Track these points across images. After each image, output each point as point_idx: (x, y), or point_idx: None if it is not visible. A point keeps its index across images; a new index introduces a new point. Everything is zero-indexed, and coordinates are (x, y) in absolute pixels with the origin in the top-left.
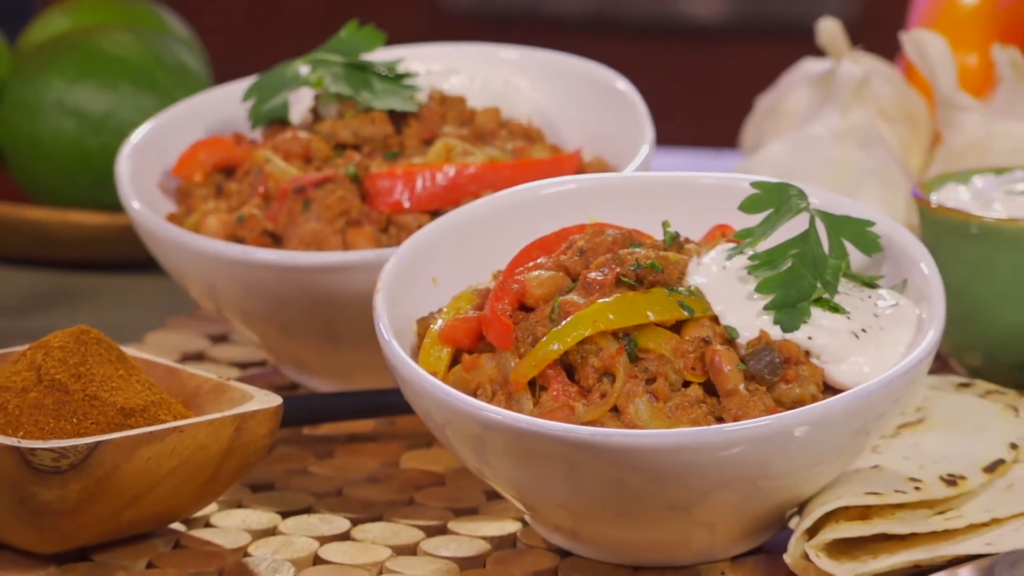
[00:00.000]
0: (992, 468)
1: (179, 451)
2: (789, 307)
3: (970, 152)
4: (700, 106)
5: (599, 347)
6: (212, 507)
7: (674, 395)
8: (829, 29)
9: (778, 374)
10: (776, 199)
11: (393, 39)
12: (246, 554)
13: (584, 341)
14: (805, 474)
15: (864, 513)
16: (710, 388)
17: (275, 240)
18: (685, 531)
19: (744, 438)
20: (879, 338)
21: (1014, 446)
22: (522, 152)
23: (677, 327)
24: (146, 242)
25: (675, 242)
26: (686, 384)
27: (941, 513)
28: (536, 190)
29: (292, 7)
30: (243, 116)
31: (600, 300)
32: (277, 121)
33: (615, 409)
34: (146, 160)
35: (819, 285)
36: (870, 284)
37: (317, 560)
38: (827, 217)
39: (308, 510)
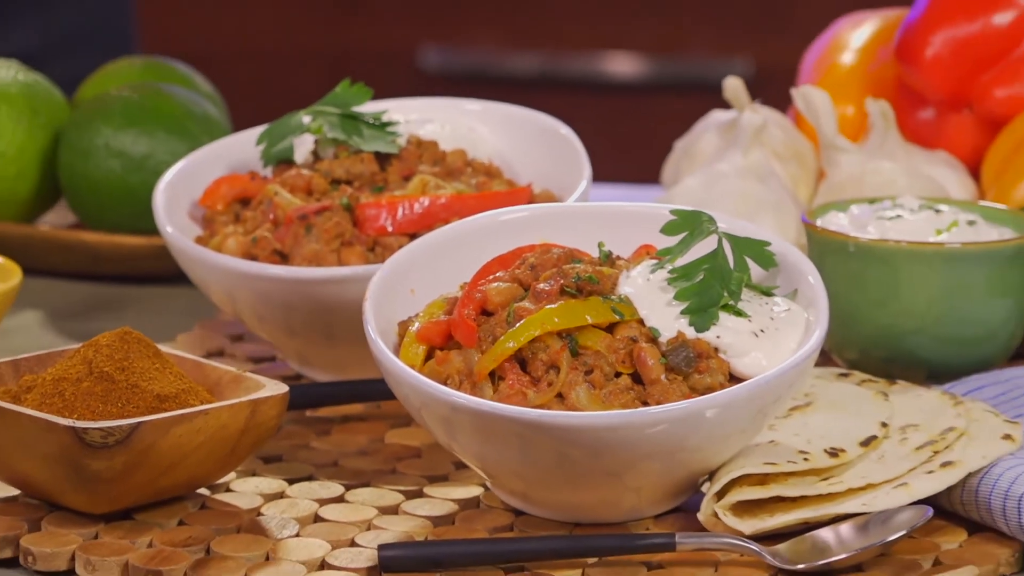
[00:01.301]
0: (867, 443)
1: (204, 430)
2: (701, 312)
3: (848, 186)
4: (628, 148)
5: (546, 345)
6: (231, 475)
7: (608, 384)
8: (733, 85)
9: (692, 366)
10: (690, 224)
11: (379, 94)
12: (259, 514)
13: (534, 340)
14: (714, 448)
15: (762, 480)
16: (637, 378)
17: (283, 258)
18: (617, 494)
19: (665, 418)
20: (775, 337)
21: (884, 425)
22: (484, 186)
23: (610, 328)
24: (178, 260)
25: (608, 259)
26: (618, 375)
27: (825, 479)
28: (495, 216)
29: (297, 68)
30: (257, 157)
31: (547, 306)
32: (284, 161)
33: (560, 395)
34: (178, 193)
35: (725, 294)
36: (767, 293)
37: (317, 519)
38: (732, 238)
39: (310, 478)
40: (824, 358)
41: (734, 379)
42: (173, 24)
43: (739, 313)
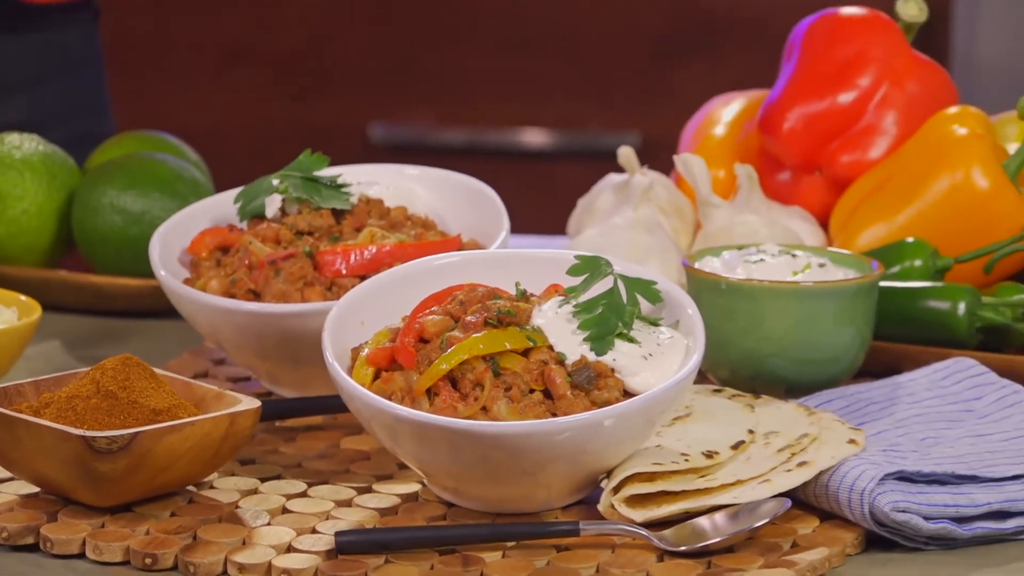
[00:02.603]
0: (736, 446)
1: (192, 437)
2: (600, 339)
3: (720, 235)
4: (539, 205)
5: (473, 367)
6: (214, 475)
7: (523, 398)
8: (625, 153)
9: (593, 384)
10: (591, 267)
11: (335, 161)
12: (237, 507)
13: (463, 363)
14: (611, 451)
15: (651, 477)
16: (548, 394)
17: (256, 296)
18: (532, 489)
19: (570, 427)
20: (660, 359)
21: (751, 431)
22: (421, 236)
23: (525, 353)
24: (170, 298)
25: (523, 296)
26: (532, 391)
27: (703, 477)
28: (430, 261)
29: (268, 140)
30: (235, 213)
31: (473, 335)
32: (257, 216)
33: (484, 408)
34: (170, 243)
35: (620, 324)
36: (654, 323)
37: (285, 510)
38: (625, 278)
39: (278, 476)
40: (701, 376)
41: (627, 394)
42: (168, 106)
43: (631, 340)
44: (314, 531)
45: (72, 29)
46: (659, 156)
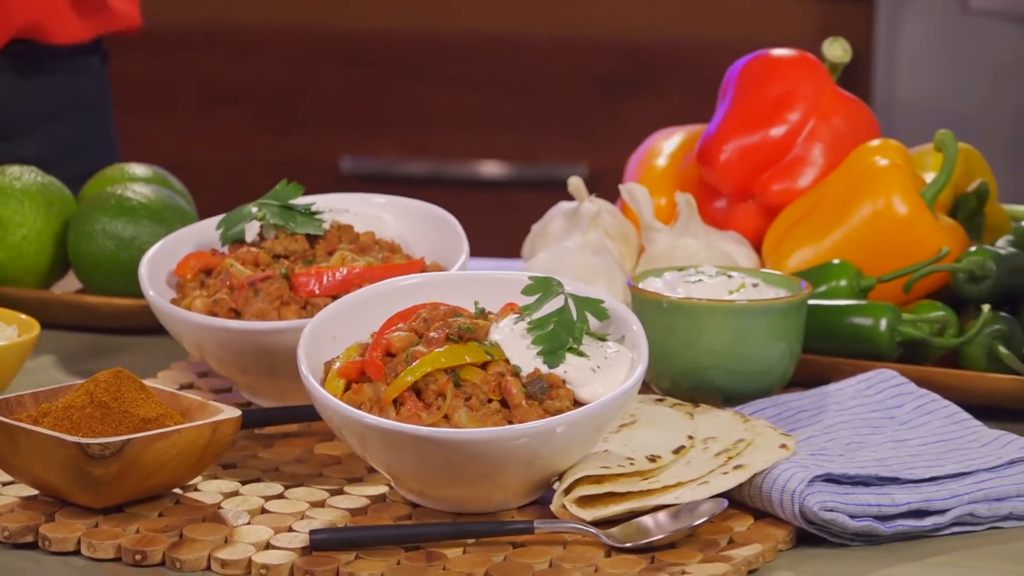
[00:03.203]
0: (677, 451)
1: (178, 444)
2: (552, 353)
3: (662, 258)
4: (496, 230)
5: (436, 378)
6: (198, 478)
7: (482, 407)
8: (575, 183)
9: (546, 394)
10: (544, 287)
11: (309, 191)
12: (220, 507)
13: (427, 375)
14: (563, 455)
15: (599, 479)
16: (504, 403)
17: (237, 314)
18: (489, 491)
19: (525, 433)
20: (608, 371)
21: (691, 437)
22: (388, 259)
23: (484, 366)
24: (158, 316)
25: (482, 314)
26: (490, 401)
27: (646, 479)
28: (396, 282)
29: (247, 171)
30: (217, 238)
31: (436, 350)
32: (238, 241)
33: (446, 416)
34: (157, 266)
35: (570, 340)
36: (602, 338)
37: (263, 511)
38: (575, 298)
39: (258, 479)
40: (645, 387)
41: (577, 403)
42: (157, 140)
43: (581, 354)
44: (290, 530)
45: (84, 71)
46: (606, 185)
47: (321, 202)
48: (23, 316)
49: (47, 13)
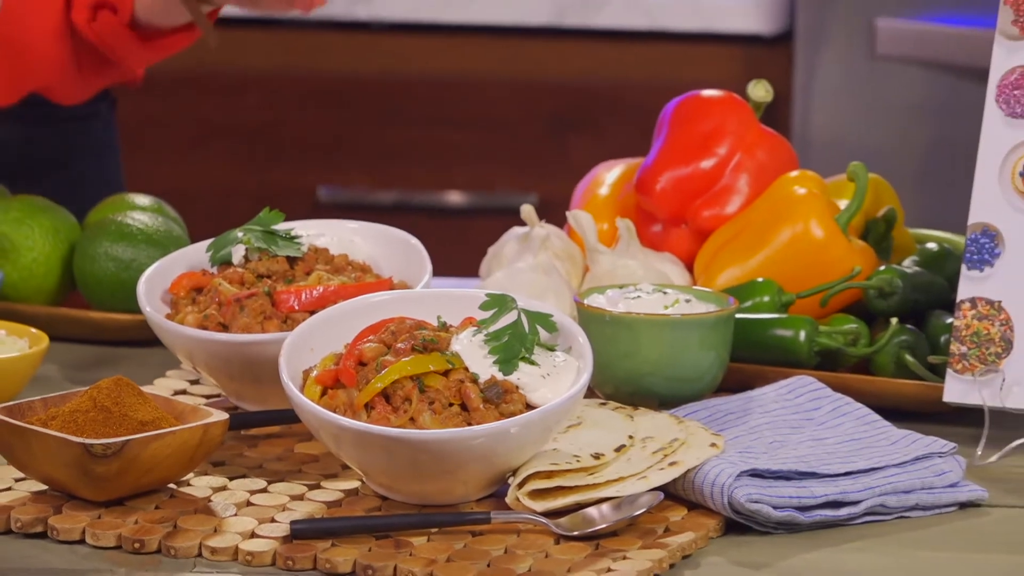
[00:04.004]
0: (619, 449)
1: (172, 444)
2: (507, 362)
3: (604, 277)
4: (455, 252)
5: (403, 385)
6: (190, 475)
7: (444, 411)
8: (527, 210)
9: (501, 399)
10: (499, 303)
11: (289, 217)
12: (210, 500)
13: (394, 382)
14: (516, 454)
15: (549, 475)
16: (464, 407)
17: (224, 328)
18: (451, 485)
19: (483, 434)
20: (556, 378)
21: (631, 437)
22: (360, 279)
23: (446, 373)
24: (154, 330)
25: (444, 327)
26: (451, 405)
27: (591, 474)
28: (368, 299)
29: (233, 200)
30: (207, 260)
31: (403, 359)
32: (225, 262)
33: (412, 419)
34: (154, 285)
35: (523, 350)
36: (551, 349)
37: (249, 503)
38: (527, 312)
39: (244, 476)
40: (590, 392)
41: (529, 407)
42: (153, 172)
43: (532, 363)
44: (273, 520)
45: (93, 117)
46: (554, 212)
47: (300, 227)
48: (33, 330)
49: (57, 79)
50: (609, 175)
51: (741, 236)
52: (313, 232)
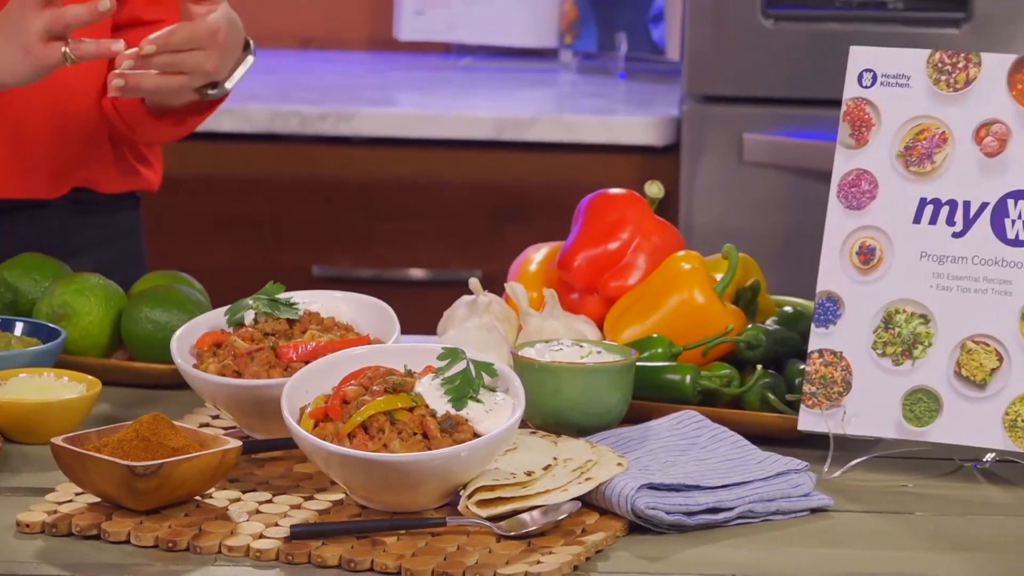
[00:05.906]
0: (546, 468)
1: (198, 465)
2: (459, 400)
3: (534, 334)
4: (418, 316)
5: (377, 419)
6: (212, 489)
7: (410, 439)
8: (474, 282)
9: (455, 429)
10: (453, 355)
11: (288, 288)
12: (227, 509)
13: (371, 416)
14: (466, 471)
15: (492, 488)
16: (425, 436)
17: (239, 375)
18: (415, 497)
19: (440, 457)
20: (497, 413)
21: (555, 458)
22: (344, 336)
23: (411, 409)
24: (184, 377)
25: (409, 373)
26: (415, 434)
27: (524, 488)
28: (350, 352)
29: (245, 276)
30: (225, 322)
31: (378, 399)
32: (239, 324)
33: (385, 445)
34: (184, 342)
35: (471, 391)
36: (493, 390)
37: (257, 511)
38: (474, 362)
39: (254, 490)
40: (523, 424)
41: (476, 435)
42: (179, 253)
43: (478, 401)
44: (277, 525)
45: (122, 210)
46: (495, 285)
47: (297, 296)
48: (89, 377)
49: (99, 172)
50: (537, 255)
51: (640, 302)
52: (307, 300)
